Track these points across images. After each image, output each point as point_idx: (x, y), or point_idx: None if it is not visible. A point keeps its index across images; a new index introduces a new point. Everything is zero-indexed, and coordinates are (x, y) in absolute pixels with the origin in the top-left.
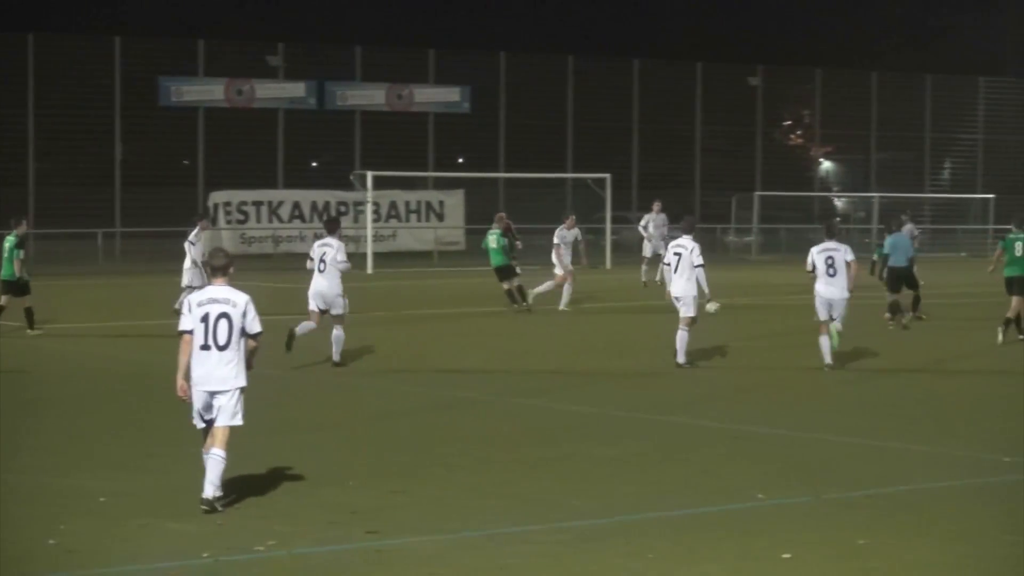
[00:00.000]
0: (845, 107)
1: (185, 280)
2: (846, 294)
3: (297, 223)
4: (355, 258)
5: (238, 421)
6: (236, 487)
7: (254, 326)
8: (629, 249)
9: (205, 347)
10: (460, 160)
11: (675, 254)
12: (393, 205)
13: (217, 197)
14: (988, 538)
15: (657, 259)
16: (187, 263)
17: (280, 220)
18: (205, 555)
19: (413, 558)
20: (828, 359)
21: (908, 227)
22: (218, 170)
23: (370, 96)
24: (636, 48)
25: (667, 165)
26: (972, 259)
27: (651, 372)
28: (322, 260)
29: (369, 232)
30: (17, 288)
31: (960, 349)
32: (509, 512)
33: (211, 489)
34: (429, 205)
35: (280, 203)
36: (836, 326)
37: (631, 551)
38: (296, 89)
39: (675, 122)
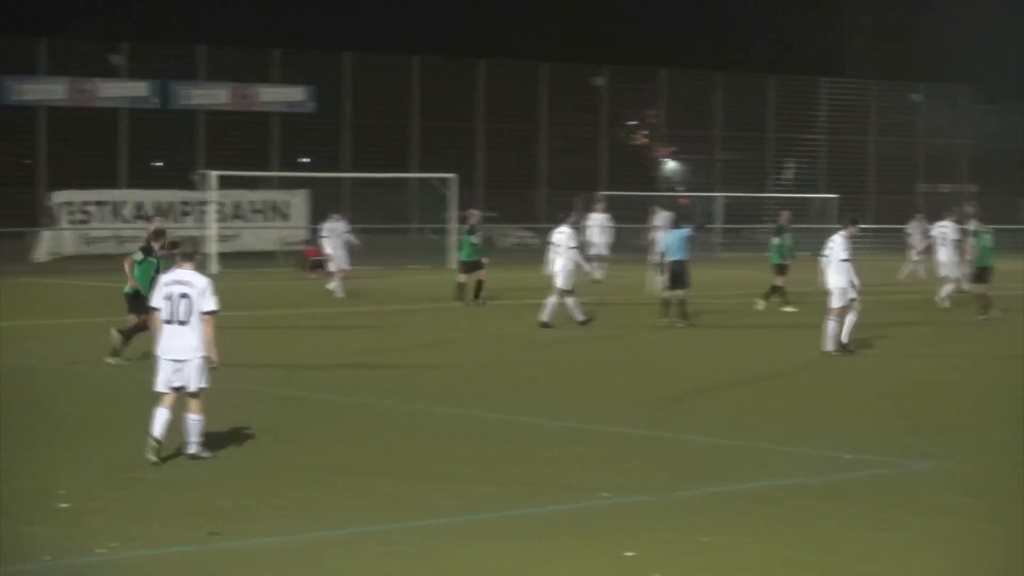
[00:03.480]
0: (689, 107)
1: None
2: None
3: (141, 223)
4: (198, 258)
5: (205, 383)
6: (75, 486)
7: (205, 305)
8: None
9: (169, 322)
10: (305, 160)
11: (830, 248)
12: (237, 205)
13: (59, 197)
14: (829, 535)
15: (597, 258)
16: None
17: (123, 220)
18: (47, 558)
19: (267, 560)
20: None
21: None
22: (60, 170)
23: (214, 95)
24: (481, 48)
25: (513, 165)
26: (815, 257)
27: (505, 371)
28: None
29: (213, 232)
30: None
31: (800, 348)
32: (366, 512)
33: (195, 448)
34: (274, 205)
35: (123, 203)
36: None
37: (482, 551)
38: (139, 88)
39: (520, 122)
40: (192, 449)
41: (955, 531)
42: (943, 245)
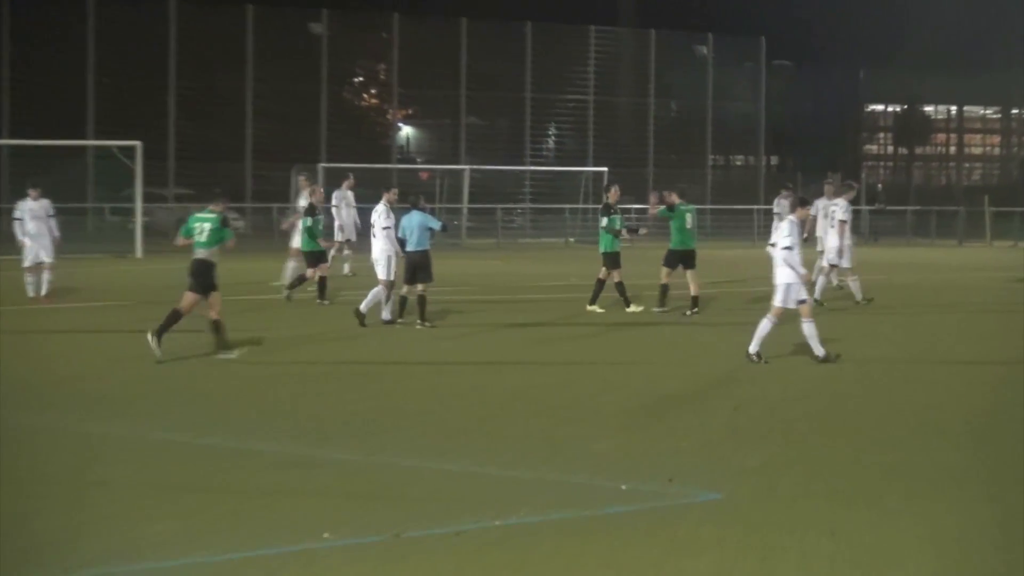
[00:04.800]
0: (429, 61)
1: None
2: None
3: None
4: None
5: None
6: None
7: None
8: (164, 233)
9: None
10: None
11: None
12: None
13: None
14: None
15: (349, 244)
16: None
17: None
18: None
19: None
20: None
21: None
22: None
23: None
24: None
25: (211, 131)
26: (581, 245)
27: (200, 381)
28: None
29: None
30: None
31: (551, 354)
32: (23, 559)
33: None
34: None
35: None
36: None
37: None
38: None
39: (221, 79)
40: None
41: (705, 570)
42: (831, 227)
